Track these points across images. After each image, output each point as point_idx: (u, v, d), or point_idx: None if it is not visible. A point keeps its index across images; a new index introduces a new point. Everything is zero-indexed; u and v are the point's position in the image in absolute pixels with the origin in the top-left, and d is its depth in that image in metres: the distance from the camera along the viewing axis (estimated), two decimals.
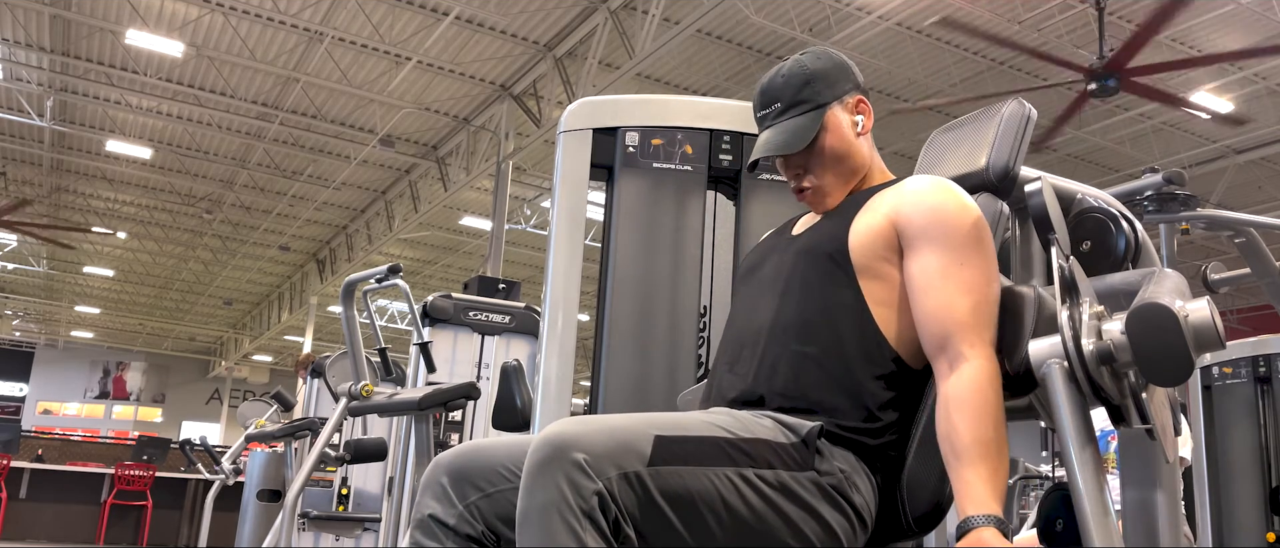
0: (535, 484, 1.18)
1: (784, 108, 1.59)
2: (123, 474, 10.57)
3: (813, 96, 1.58)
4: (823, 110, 1.57)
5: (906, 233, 1.44)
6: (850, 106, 1.60)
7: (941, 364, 1.36)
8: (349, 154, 13.06)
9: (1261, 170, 11.48)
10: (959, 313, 1.36)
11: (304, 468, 3.31)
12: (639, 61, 8.97)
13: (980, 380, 1.31)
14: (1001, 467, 1.28)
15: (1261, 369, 3.30)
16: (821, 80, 1.59)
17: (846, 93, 1.60)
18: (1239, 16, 8.63)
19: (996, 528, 1.22)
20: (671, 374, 2.08)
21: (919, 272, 1.41)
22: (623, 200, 2.18)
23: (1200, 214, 3.11)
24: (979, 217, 1.43)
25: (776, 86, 1.61)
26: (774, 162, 1.64)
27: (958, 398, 1.31)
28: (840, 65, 1.62)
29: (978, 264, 1.40)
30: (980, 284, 1.39)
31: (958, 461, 1.28)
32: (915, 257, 1.42)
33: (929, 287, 1.39)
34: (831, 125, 1.57)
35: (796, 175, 1.60)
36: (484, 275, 7.09)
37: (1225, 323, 1.17)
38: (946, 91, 9.97)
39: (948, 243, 1.40)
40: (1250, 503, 3.24)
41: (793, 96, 1.59)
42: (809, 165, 1.58)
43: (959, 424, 1.29)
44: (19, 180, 14.72)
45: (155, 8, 9.70)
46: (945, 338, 1.36)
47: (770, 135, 1.59)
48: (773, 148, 1.57)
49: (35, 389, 26.34)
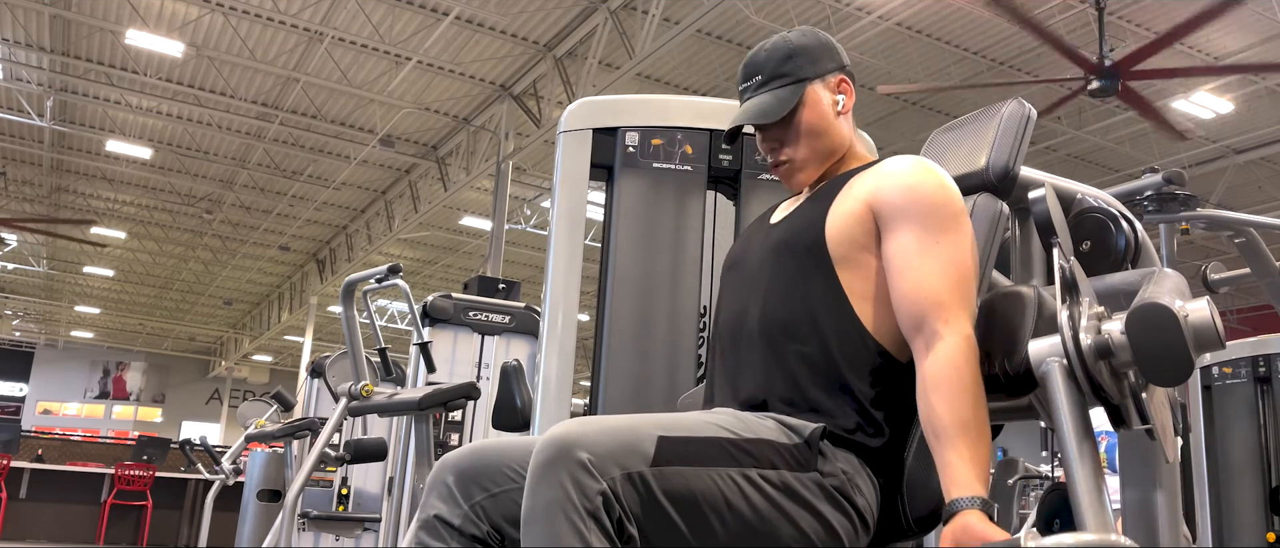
0: (540, 484, 1.18)
1: (764, 80, 1.59)
2: (123, 474, 10.57)
3: (794, 71, 1.58)
4: (803, 85, 1.57)
5: (883, 213, 1.43)
6: (832, 85, 1.59)
7: (918, 344, 1.35)
8: (349, 154, 13.06)
9: (1261, 170, 11.49)
10: (935, 291, 1.35)
11: (304, 468, 3.31)
12: (639, 62, 8.97)
13: (957, 359, 1.30)
14: (982, 446, 1.27)
15: (1261, 369, 3.30)
16: (804, 56, 1.59)
17: (829, 72, 1.59)
18: (1239, 17, 8.63)
19: (981, 510, 1.21)
20: (671, 374, 2.08)
21: (896, 252, 1.40)
22: (623, 200, 2.18)
23: (1200, 214, 3.11)
24: (955, 194, 1.42)
25: (759, 60, 1.61)
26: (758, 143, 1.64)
27: (934, 378, 1.30)
28: (825, 44, 1.62)
29: (954, 241, 1.38)
30: (957, 262, 1.37)
31: (938, 442, 1.27)
32: (892, 237, 1.41)
33: (906, 267, 1.38)
34: (810, 101, 1.57)
35: (772, 149, 1.60)
36: (484, 275, 7.10)
37: (1225, 323, 1.17)
38: (946, 91, 9.97)
39: (923, 221, 1.39)
40: (1250, 503, 3.24)
41: (774, 70, 1.58)
42: (785, 139, 1.57)
43: (937, 405, 1.29)
44: (19, 180, 14.72)
45: (155, 8, 9.70)
46: (921, 317, 1.35)
47: (748, 105, 1.59)
48: (748, 116, 1.57)
49: (35, 389, 26.34)
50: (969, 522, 1.21)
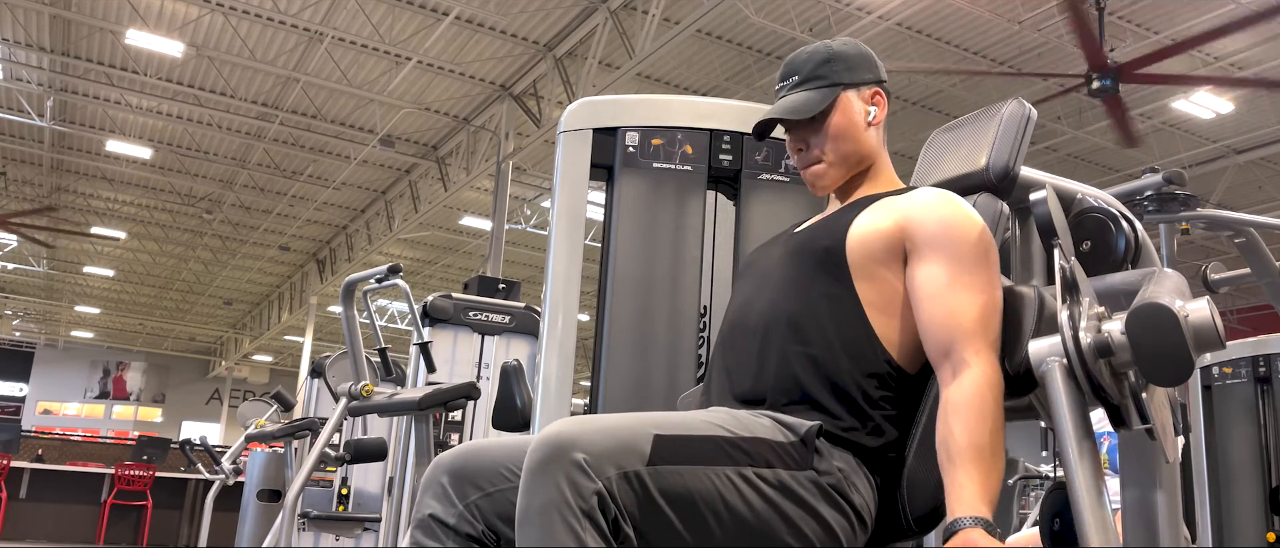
0: (535, 484, 1.18)
1: (800, 80, 1.62)
2: (123, 474, 10.57)
3: (830, 74, 1.60)
4: (837, 90, 1.60)
5: (915, 239, 1.43)
6: (866, 96, 1.61)
7: (945, 371, 1.36)
8: (349, 154, 13.06)
9: (1261, 170, 11.48)
10: (965, 320, 1.36)
11: (304, 468, 3.31)
12: (639, 61, 8.97)
13: (981, 386, 1.31)
14: (995, 472, 1.27)
15: (1261, 369, 3.30)
16: (842, 62, 1.61)
17: (865, 82, 1.62)
18: (1239, 16, 8.62)
19: (984, 530, 1.22)
20: (671, 374, 2.08)
21: (926, 279, 1.41)
22: (623, 200, 2.18)
23: (1200, 214, 3.11)
24: (985, 230, 1.44)
25: (800, 61, 1.64)
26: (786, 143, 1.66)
27: (957, 403, 1.31)
28: (864, 55, 1.64)
29: (984, 275, 1.40)
30: (986, 293, 1.39)
31: (951, 464, 1.28)
32: (922, 263, 1.42)
33: (935, 294, 1.39)
34: (843, 106, 1.59)
35: (799, 149, 1.62)
36: (484, 275, 7.09)
37: (1225, 323, 1.17)
38: (947, 91, 9.98)
39: (956, 252, 1.41)
40: (1250, 503, 3.24)
41: (811, 71, 1.61)
42: (812, 141, 1.60)
43: (955, 429, 1.29)
44: (19, 180, 14.72)
45: (155, 8, 9.70)
46: (950, 345, 1.36)
47: (781, 102, 1.62)
48: (781, 111, 1.59)
49: (35, 389, 26.34)
50: (971, 536, 1.21)
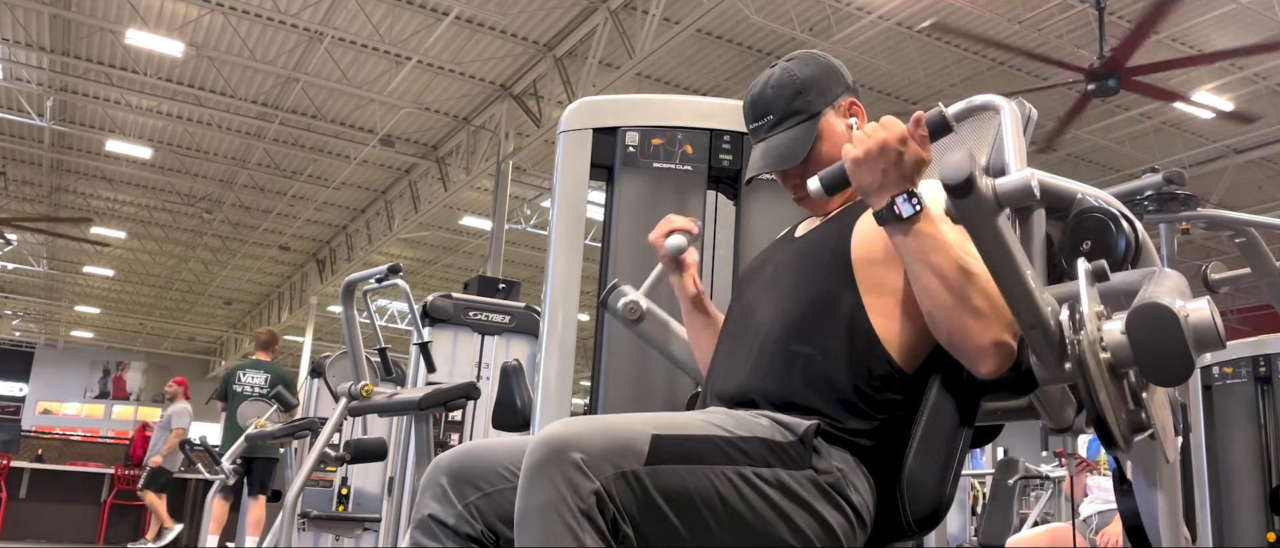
0: (533, 484, 1.18)
1: (777, 120, 1.59)
2: (123, 474, 10.57)
3: (805, 106, 1.58)
4: (816, 119, 1.58)
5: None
6: (843, 110, 1.60)
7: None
8: (349, 154, 13.06)
9: (1261, 170, 11.48)
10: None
11: (304, 468, 3.31)
12: (639, 61, 8.97)
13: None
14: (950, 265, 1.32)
15: (1261, 369, 3.29)
16: (813, 88, 1.59)
17: (837, 97, 1.60)
18: (1239, 16, 8.63)
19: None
20: (671, 374, 2.08)
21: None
22: (623, 200, 2.18)
23: (1200, 214, 3.10)
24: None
25: (768, 98, 1.60)
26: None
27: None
28: (829, 69, 1.62)
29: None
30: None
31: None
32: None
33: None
34: (826, 132, 1.57)
35: (796, 186, 1.60)
36: (484, 275, 7.09)
37: (1225, 323, 1.17)
38: (947, 92, 9.97)
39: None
40: (1250, 503, 3.24)
41: (785, 108, 1.58)
42: (807, 175, 1.57)
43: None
44: (19, 180, 14.72)
45: (155, 8, 9.69)
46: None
47: (766, 149, 1.59)
48: (771, 163, 1.57)
49: (35, 389, 26.31)
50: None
